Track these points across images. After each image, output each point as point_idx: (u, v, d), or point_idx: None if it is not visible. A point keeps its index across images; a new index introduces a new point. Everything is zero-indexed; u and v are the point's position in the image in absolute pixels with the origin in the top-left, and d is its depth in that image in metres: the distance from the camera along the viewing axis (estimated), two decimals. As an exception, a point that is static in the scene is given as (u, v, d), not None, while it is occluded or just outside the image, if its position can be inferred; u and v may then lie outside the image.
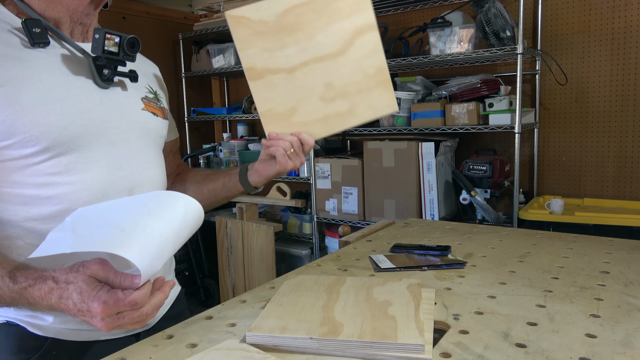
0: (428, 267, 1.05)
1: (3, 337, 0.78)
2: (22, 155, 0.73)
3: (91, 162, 0.78)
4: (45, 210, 0.75)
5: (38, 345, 0.78)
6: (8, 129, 0.71)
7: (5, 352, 0.78)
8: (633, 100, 2.17)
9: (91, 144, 0.78)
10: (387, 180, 2.43)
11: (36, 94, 0.74)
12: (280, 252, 2.96)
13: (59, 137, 0.74)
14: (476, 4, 2.15)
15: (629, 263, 1.03)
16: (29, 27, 0.75)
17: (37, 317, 0.78)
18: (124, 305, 0.60)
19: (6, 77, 0.72)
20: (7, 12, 0.79)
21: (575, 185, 2.35)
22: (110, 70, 0.82)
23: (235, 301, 0.93)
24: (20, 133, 0.72)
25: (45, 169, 0.74)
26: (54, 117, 0.74)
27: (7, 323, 0.79)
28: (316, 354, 0.68)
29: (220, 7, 2.97)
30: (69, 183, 0.76)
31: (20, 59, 0.75)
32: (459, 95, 2.28)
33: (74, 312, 0.62)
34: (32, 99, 0.73)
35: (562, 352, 0.66)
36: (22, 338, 0.78)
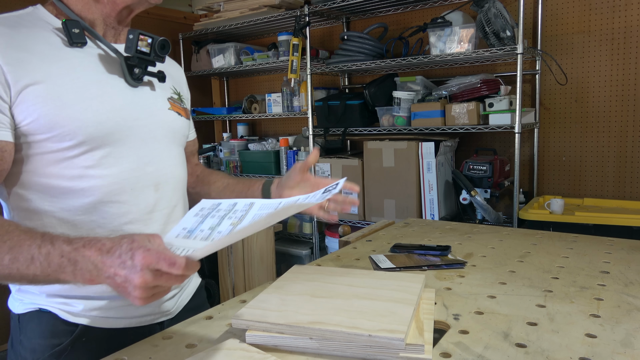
0: (428, 267, 1.05)
1: (36, 324, 0.82)
2: (60, 148, 0.77)
3: (122, 157, 0.83)
4: (79, 202, 0.80)
5: (70, 331, 0.82)
6: (48, 122, 0.75)
7: (38, 337, 0.82)
8: (633, 100, 2.17)
9: (122, 140, 0.82)
10: (387, 180, 2.43)
11: (74, 90, 0.78)
12: (280, 252, 2.96)
13: (94, 132, 0.79)
14: (476, 4, 2.15)
15: (629, 263, 1.03)
16: (68, 27, 0.80)
17: (69, 305, 0.82)
18: (164, 258, 0.58)
19: (48, 74, 0.76)
20: (47, 13, 0.84)
21: (575, 185, 2.35)
22: (141, 70, 0.86)
23: (235, 301, 0.93)
24: (60, 127, 0.76)
25: (79, 162, 0.79)
26: (90, 113, 0.78)
27: (40, 310, 0.83)
28: (316, 354, 0.68)
29: (220, 7, 2.97)
30: (100, 176, 0.80)
31: (60, 57, 0.79)
32: (459, 95, 2.28)
33: (116, 265, 0.60)
34: (71, 96, 0.78)
35: (562, 352, 0.66)
36: (55, 324, 0.82)
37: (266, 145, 3.14)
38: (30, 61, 0.76)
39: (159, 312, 0.92)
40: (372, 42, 2.51)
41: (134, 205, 0.85)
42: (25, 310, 0.84)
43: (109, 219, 0.82)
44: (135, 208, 0.85)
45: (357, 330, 0.66)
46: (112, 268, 0.60)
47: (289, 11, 2.69)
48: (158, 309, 0.91)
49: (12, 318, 0.87)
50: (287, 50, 2.76)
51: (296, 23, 2.55)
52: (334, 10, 2.63)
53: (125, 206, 0.84)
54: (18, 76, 0.74)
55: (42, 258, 0.63)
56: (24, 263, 0.64)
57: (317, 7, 2.55)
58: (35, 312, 0.83)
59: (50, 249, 0.63)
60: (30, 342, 0.83)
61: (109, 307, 0.84)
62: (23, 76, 0.74)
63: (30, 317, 0.84)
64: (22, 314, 0.85)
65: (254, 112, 3.17)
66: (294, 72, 2.60)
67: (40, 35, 0.79)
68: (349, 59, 2.53)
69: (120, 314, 0.85)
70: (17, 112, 0.75)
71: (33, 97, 0.75)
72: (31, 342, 0.83)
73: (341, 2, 2.47)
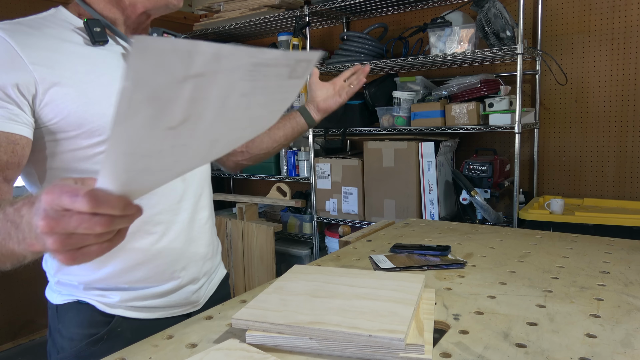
0: (428, 267, 1.05)
1: (74, 314, 0.87)
2: (89, 144, 0.80)
3: None
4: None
5: (106, 322, 0.87)
6: (77, 119, 0.79)
7: (76, 327, 0.86)
8: (633, 100, 2.17)
9: None
10: (387, 180, 2.43)
11: (100, 88, 0.81)
12: (280, 252, 2.96)
13: None
14: (476, 4, 2.15)
15: (629, 263, 1.03)
16: (90, 26, 0.83)
17: (105, 297, 0.87)
18: (67, 191, 0.45)
19: (74, 73, 0.79)
20: (69, 13, 0.86)
21: (575, 185, 2.35)
22: None
23: (235, 301, 0.93)
24: (89, 123, 0.79)
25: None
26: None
27: (79, 302, 0.87)
28: (316, 354, 0.68)
29: (221, 7, 2.97)
30: None
31: (84, 55, 0.82)
32: (459, 95, 2.28)
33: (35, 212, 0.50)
34: (97, 93, 0.81)
35: (562, 352, 0.66)
36: (92, 315, 0.87)
37: (266, 145, 3.13)
38: (57, 61, 0.78)
39: (188, 304, 0.96)
40: (372, 42, 2.51)
41: (163, 196, 0.88)
42: (64, 301, 0.88)
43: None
44: (165, 199, 0.88)
45: (357, 330, 0.66)
46: (34, 217, 0.50)
47: (289, 11, 2.69)
48: (187, 300, 0.95)
49: (49, 308, 0.92)
50: (287, 50, 2.76)
51: (296, 23, 2.55)
52: (334, 10, 2.63)
53: (155, 197, 0.87)
54: (45, 75, 0.76)
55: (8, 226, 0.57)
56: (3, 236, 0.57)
57: (317, 7, 2.55)
58: (74, 304, 0.87)
59: (1, 215, 0.58)
60: (68, 331, 0.87)
61: (143, 299, 0.89)
62: (50, 75, 0.77)
63: (69, 307, 0.88)
64: (61, 305, 0.89)
65: (254, 112, 3.17)
66: (294, 72, 2.60)
67: (64, 36, 0.82)
68: (349, 59, 2.53)
69: (153, 304, 0.90)
70: (46, 111, 0.77)
71: (61, 96, 0.77)
72: (69, 331, 0.87)
73: (341, 2, 2.47)
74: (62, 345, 0.88)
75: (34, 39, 0.78)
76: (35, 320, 3.03)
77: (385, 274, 0.90)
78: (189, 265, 0.95)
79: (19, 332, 2.97)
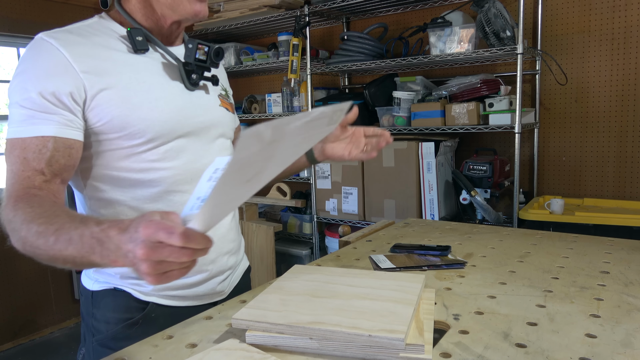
0: (428, 267, 1.05)
1: (111, 300, 0.93)
2: (130, 145, 0.87)
3: (182, 151, 0.92)
4: (147, 192, 0.90)
5: (141, 308, 0.93)
6: (121, 123, 0.85)
7: (113, 311, 0.92)
8: (633, 100, 2.17)
9: (182, 136, 0.92)
10: (387, 180, 2.43)
11: (141, 93, 0.88)
12: (280, 252, 2.96)
13: (160, 130, 0.88)
14: (476, 4, 2.15)
15: (629, 263, 1.03)
16: (133, 35, 0.90)
17: (140, 285, 0.93)
18: (163, 228, 0.56)
19: (118, 79, 0.86)
20: (113, 21, 0.93)
21: (575, 185, 2.35)
22: (198, 75, 0.96)
23: (235, 301, 0.93)
24: (131, 127, 0.86)
25: (146, 156, 0.88)
26: (156, 114, 0.88)
27: (115, 289, 0.93)
28: (316, 354, 0.68)
29: (220, 7, 2.97)
30: (165, 169, 0.90)
31: (128, 63, 0.89)
32: (459, 95, 2.28)
33: (128, 241, 0.60)
34: (139, 98, 0.87)
35: (562, 352, 0.66)
36: (128, 301, 0.93)
37: (266, 145, 3.13)
38: (104, 68, 0.85)
39: (215, 293, 1.01)
40: (372, 42, 2.51)
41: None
42: (101, 288, 0.94)
43: (174, 206, 0.91)
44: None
45: (357, 330, 0.66)
46: (125, 244, 0.60)
47: (289, 11, 2.69)
48: (214, 290, 1.00)
49: (82, 294, 0.98)
50: (287, 50, 2.76)
51: (296, 23, 2.55)
52: (334, 10, 2.63)
53: (187, 195, 0.92)
54: (93, 82, 0.83)
55: (78, 239, 0.66)
56: (64, 244, 0.67)
57: (317, 7, 2.55)
58: (111, 290, 0.93)
59: (84, 230, 0.66)
60: (104, 315, 0.93)
61: (174, 289, 0.94)
62: (97, 82, 0.83)
63: (105, 294, 0.94)
64: (97, 291, 0.94)
65: (254, 112, 3.17)
66: (294, 72, 2.60)
67: (109, 43, 0.89)
68: (349, 59, 2.53)
69: (184, 293, 0.96)
70: (92, 114, 0.84)
71: (107, 101, 0.84)
72: (105, 315, 0.93)
73: (341, 2, 2.47)
74: (97, 328, 0.94)
75: (83, 48, 0.84)
76: (35, 320, 3.03)
77: (385, 274, 0.90)
78: (217, 260, 1.00)
79: (19, 332, 2.97)
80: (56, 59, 0.82)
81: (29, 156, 0.80)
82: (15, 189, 0.78)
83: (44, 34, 0.84)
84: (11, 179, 0.80)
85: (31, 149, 0.80)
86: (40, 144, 0.80)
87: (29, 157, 0.80)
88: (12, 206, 0.75)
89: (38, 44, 0.83)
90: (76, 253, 0.66)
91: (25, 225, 0.71)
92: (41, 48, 0.83)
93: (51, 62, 0.81)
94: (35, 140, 0.80)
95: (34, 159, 0.80)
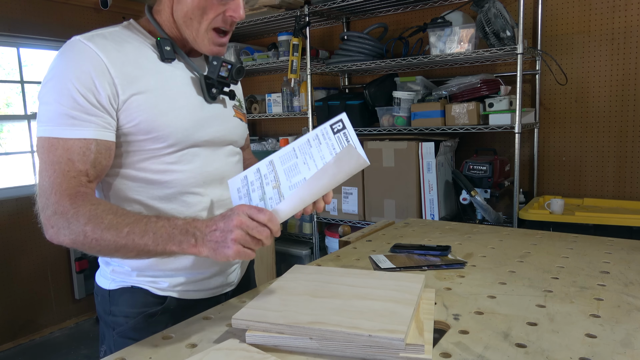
0: (428, 267, 1.05)
1: (129, 296, 0.97)
2: (153, 148, 0.91)
3: (197, 156, 0.97)
4: (163, 192, 0.94)
5: (159, 302, 0.97)
6: (147, 127, 0.89)
7: (131, 307, 0.97)
8: (633, 100, 2.17)
9: (199, 143, 0.97)
10: (387, 180, 2.43)
11: (167, 100, 0.92)
12: (280, 252, 2.96)
13: (181, 137, 0.93)
14: (476, 4, 2.15)
15: (629, 263, 1.03)
16: (161, 45, 0.95)
17: (157, 282, 0.97)
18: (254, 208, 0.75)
19: (147, 86, 0.90)
20: (142, 29, 0.98)
21: (575, 185, 2.35)
22: (218, 90, 1.02)
23: (235, 301, 0.93)
24: (156, 131, 0.90)
25: (165, 159, 0.93)
26: (179, 121, 0.93)
27: (132, 287, 0.97)
28: (316, 354, 0.68)
29: (220, 7, 2.97)
30: (180, 171, 0.95)
31: (155, 71, 0.93)
32: (459, 95, 2.28)
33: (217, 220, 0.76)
34: (165, 105, 0.92)
35: (562, 352, 0.66)
36: (146, 297, 0.97)
37: (266, 145, 3.14)
38: (135, 75, 0.89)
39: (226, 284, 1.06)
40: (372, 42, 2.51)
41: (205, 196, 0.98)
42: (118, 286, 0.98)
43: (187, 207, 0.96)
44: (207, 198, 0.99)
45: (357, 330, 0.66)
46: (213, 225, 0.76)
47: (289, 11, 2.69)
48: (225, 281, 1.05)
49: (98, 294, 1.01)
50: (287, 50, 2.76)
51: (296, 23, 2.55)
52: (334, 10, 2.63)
53: (198, 197, 0.97)
54: (125, 87, 0.87)
55: (156, 229, 0.78)
56: (139, 234, 0.78)
57: (317, 7, 2.55)
58: (128, 288, 0.98)
59: (165, 223, 0.79)
60: (122, 311, 0.97)
61: (188, 283, 0.99)
62: (129, 87, 0.88)
63: (123, 291, 0.98)
64: (114, 290, 0.98)
65: (254, 112, 3.17)
66: (294, 72, 2.60)
67: (140, 51, 0.93)
68: (349, 59, 2.53)
69: (197, 287, 1.00)
70: (122, 117, 0.88)
71: (136, 105, 0.88)
72: (124, 310, 0.97)
73: (341, 2, 2.47)
74: (117, 323, 0.98)
75: (118, 54, 0.88)
76: (35, 320, 3.03)
77: (385, 274, 0.90)
78: None
79: (19, 332, 2.97)
80: (95, 62, 0.85)
81: (73, 157, 0.84)
82: (65, 188, 0.83)
83: (81, 37, 0.87)
84: (57, 177, 0.83)
85: (75, 150, 0.84)
86: (84, 146, 0.84)
87: (74, 159, 0.84)
88: (70, 203, 0.81)
89: (77, 46, 0.86)
90: (151, 242, 0.78)
91: (93, 220, 0.79)
92: (81, 50, 0.86)
93: (91, 65, 0.85)
94: (79, 142, 0.84)
95: (79, 161, 0.84)
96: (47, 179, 0.83)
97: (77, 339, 3.02)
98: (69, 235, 0.80)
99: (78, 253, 3.20)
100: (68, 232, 0.80)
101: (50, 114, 0.84)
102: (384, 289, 0.82)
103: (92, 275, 3.32)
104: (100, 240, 0.79)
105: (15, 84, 3.08)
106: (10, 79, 3.08)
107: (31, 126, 3.12)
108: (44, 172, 0.84)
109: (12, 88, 3.11)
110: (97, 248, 0.80)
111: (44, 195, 0.83)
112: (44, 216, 0.82)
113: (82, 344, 2.95)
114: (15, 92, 3.12)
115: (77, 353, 2.83)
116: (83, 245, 0.81)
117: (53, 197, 0.82)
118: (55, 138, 0.84)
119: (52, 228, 0.81)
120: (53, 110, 0.84)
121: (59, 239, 0.81)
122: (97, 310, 1.03)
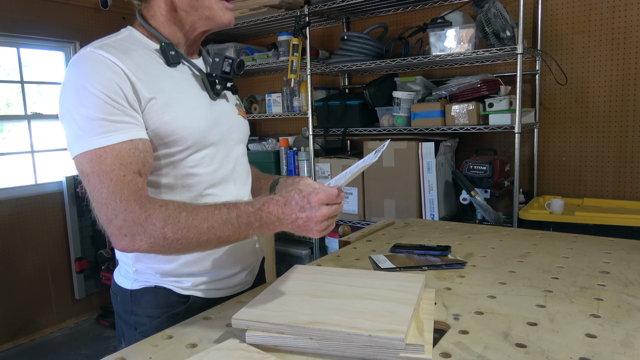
0: (428, 267, 1.05)
1: (152, 296, 0.97)
2: (172, 152, 0.92)
3: (214, 158, 0.98)
4: (184, 196, 0.95)
5: (182, 301, 0.98)
6: (166, 130, 0.90)
7: (155, 307, 0.97)
8: (633, 100, 2.17)
9: (214, 144, 0.98)
10: (387, 180, 2.43)
11: (181, 103, 0.93)
12: (280, 252, 2.96)
13: (199, 138, 0.94)
14: (476, 4, 2.15)
15: (629, 263, 1.03)
16: (166, 50, 0.95)
17: (180, 282, 0.98)
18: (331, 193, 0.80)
19: (161, 90, 0.90)
20: (141, 35, 0.97)
21: (575, 185, 2.35)
22: (222, 86, 1.02)
23: (235, 301, 0.93)
24: (175, 134, 0.91)
25: (186, 163, 0.94)
26: (195, 123, 0.94)
27: (156, 287, 0.97)
28: (316, 354, 0.68)
29: (220, 7, 2.96)
30: (199, 174, 0.96)
31: (165, 75, 0.93)
32: (459, 95, 2.28)
33: (297, 211, 0.80)
34: (181, 108, 0.92)
35: (562, 352, 0.66)
36: (170, 297, 0.97)
37: (266, 145, 3.14)
38: (148, 81, 0.89)
39: (244, 282, 1.08)
40: (372, 42, 2.51)
41: (222, 197, 0.99)
42: (140, 286, 0.98)
43: None
44: (223, 199, 0.98)
45: (357, 330, 0.66)
46: (293, 214, 0.81)
47: (289, 11, 2.69)
48: (242, 281, 1.07)
49: (118, 294, 1.01)
50: (287, 50, 2.76)
51: (296, 23, 2.54)
52: (334, 10, 2.63)
53: (216, 197, 0.98)
54: (143, 93, 0.88)
55: (234, 220, 0.81)
56: (220, 227, 0.81)
57: (317, 7, 2.55)
58: (151, 288, 0.98)
59: (239, 212, 0.82)
60: (146, 311, 0.97)
61: (211, 282, 1.00)
62: (147, 91, 0.88)
63: (145, 291, 0.98)
64: (136, 290, 0.98)
65: (253, 112, 3.17)
66: (294, 72, 2.60)
67: (147, 58, 0.93)
68: (349, 59, 2.53)
69: (219, 285, 1.02)
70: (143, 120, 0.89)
71: (155, 110, 0.89)
72: (148, 310, 0.97)
73: (341, 2, 2.47)
74: (139, 322, 0.98)
75: (130, 62, 0.88)
76: (35, 320, 3.03)
77: (385, 274, 0.90)
78: (245, 255, 1.07)
79: (19, 332, 2.97)
80: (114, 69, 0.85)
81: (125, 160, 0.82)
82: (127, 194, 0.81)
83: (92, 48, 0.86)
84: (116, 185, 0.81)
85: (124, 153, 0.83)
86: (132, 147, 0.84)
87: (125, 162, 0.82)
88: (139, 208, 0.80)
89: (90, 56, 0.85)
90: (232, 232, 0.81)
91: (170, 221, 0.80)
92: (97, 60, 0.85)
93: (111, 72, 0.84)
94: (126, 145, 0.83)
95: (130, 162, 0.83)
96: (105, 190, 0.81)
97: (77, 339, 3.02)
98: (147, 240, 0.80)
99: (78, 253, 3.21)
100: (145, 237, 0.80)
101: (85, 127, 0.82)
102: (384, 289, 0.82)
103: (91, 275, 3.32)
104: (182, 239, 0.80)
105: (15, 84, 3.08)
106: (10, 79, 3.08)
107: (31, 126, 3.12)
108: (98, 185, 0.81)
109: (12, 88, 3.11)
110: (178, 247, 0.81)
111: (108, 206, 0.80)
112: (113, 227, 0.80)
113: (82, 344, 2.95)
114: (15, 92, 3.12)
115: (77, 353, 2.83)
116: (162, 248, 0.81)
117: (119, 205, 0.80)
118: (100, 148, 0.81)
119: (125, 237, 0.80)
120: (86, 123, 0.82)
121: (134, 246, 0.80)
122: (116, 309, 1.03)
